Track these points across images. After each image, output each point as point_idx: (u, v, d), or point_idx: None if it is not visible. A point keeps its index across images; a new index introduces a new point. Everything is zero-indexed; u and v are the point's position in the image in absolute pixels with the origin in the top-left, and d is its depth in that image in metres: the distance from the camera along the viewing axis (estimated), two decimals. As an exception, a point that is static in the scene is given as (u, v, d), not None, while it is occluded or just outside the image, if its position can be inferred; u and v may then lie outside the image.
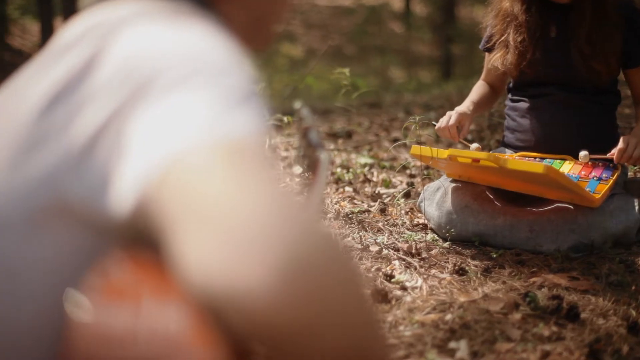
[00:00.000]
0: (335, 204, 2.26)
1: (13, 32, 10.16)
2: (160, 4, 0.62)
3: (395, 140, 3.04)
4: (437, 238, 1.99)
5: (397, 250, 1.85)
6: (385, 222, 2.09)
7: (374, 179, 2.63)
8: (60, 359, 0.51)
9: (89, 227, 0.55)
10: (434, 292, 1.60)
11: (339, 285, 0.46)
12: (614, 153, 1.91)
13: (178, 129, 0.49)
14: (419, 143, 2.20)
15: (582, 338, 1.36)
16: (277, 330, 0.43)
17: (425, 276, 1.69)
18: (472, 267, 1.77)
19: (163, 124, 0.50)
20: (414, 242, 1.91)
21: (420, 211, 2.12)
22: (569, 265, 1.78)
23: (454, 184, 2.03)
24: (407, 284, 1.64)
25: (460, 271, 1.71)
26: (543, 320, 1.43)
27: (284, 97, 4.10)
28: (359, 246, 1.87)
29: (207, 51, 0.55)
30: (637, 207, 1.89)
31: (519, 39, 2.03)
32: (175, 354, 0.48)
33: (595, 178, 1.93)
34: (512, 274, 1.73)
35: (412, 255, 1.82)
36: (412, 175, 2.63)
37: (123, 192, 0.50)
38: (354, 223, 2.06)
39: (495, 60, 2.09)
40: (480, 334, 1.38)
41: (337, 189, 2.47)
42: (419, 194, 2.15)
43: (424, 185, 2.20)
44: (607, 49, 1.96)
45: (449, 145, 3.11)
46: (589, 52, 1.96)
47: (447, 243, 1.94)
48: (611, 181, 1.90)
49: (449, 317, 1.45)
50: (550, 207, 1.91)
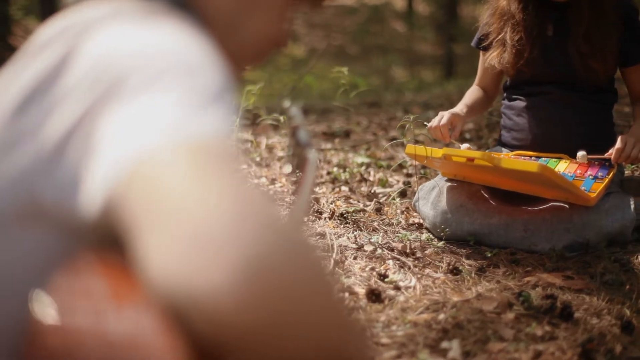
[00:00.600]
0: (331, 203, 2.25)
1: (16, 32, 10.17)
2: (137, 4, 0.62)
3: (393, 139, 3.03)
4: (432, 237, 1.99)
5: (392, 249, 1.84)
6: (381, 222, 2.08)
7: (371, 178, 2.62)
8: None
9: (60, 228, 0.54)
10: (427, 291, 1.60)
11: (305, 284, 0.45)
12: (611, 153, 1.89)
13: (145, 129, 0.49)
14: (416, 142, 2.20)
15: (575, 337, 1.35)
16: (240, 331, 0.42)
17: (419, 276, 1.69)
18: (467, 267, 1.76)
19: (131, 124, 0.50)
20: (408, 242, 1.90)
21: (415, 210, 2.11)
22: (564, 264, 1.77)
23: (449, 183, 2.02)
24: (401, 283, 1.64)
25: (455, 271, 1.71)
26: (536, 319, 1.42)
27: (283, 96, 4.10)
28: (354, 246, 1.87)
29: (178, 50, 0.55)
30: (633, 206, 1.87)
31: (516, 37, 2.02)
32: (138, 357, 0.47)
33: (590, 177, 1.92)
34: (507, 273, 1.72)
35: (407, 255, 1.81)
36: (408, 175, 2.62)
37: (91, 193, 0.50)
38: (349, 222, 2.05)
39: (492, 58, 2.08)
40: (472, 334, 1.37)
41: (333, 189, 2.46)
42: (415, 194, 2.14)
43: (420, 184, 2.19)
44: (604, 47, 1.95)
45: (446, 145, 3.11)
46: (587, 50, 1.95)
47: (442, 242, 1.93)
48: (607, 180, 1.89)
49: (441, 316, 1.44)
50: (546, 206, 1.90)
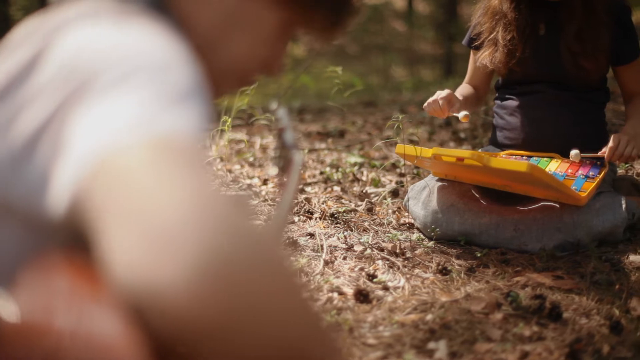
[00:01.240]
0: (322, 203, 2.24)
1: (15, 33, 10.20)
2: (112, 4, 0.62)
3: (387, 139, 3.03)
4: (423, 237, 1.98)
5: (382, 249, 1.84)
6: (372, 222, 2.08)
7: (363, 178, 2.62)
8: None
9: (28, 226, 0.55)
10: (416, 292, 1.59)
11: (262, 281, 0.45)
12: (604, 151, 1.89)
13: (111, 127, 0.49)
14: (411, 142, 2.19)
15: (563, 338, 1.34)
16: (196, 327, 0.42)
17: (408, 276, 1.68)
18: (456, 267, 1.75)
19: (99, 122, 0.50)
20: (398, 242, 1.89)
21: (406, 210, 2.10)
22: (554, 264, 1.76)
23: (439, 183, 2.02)
24: (390, 283, 1.63)
25: (444, 271, 1.70)
26: (524, 320, 1.42)
27: (279, 96, 4.10)
28: (344, 246, 1.86)
29: (149, 50, 0.55)
30: (624, 205, 1.86)
31: (508, 37, 2.01)
32: (101, 357, 0.47)
33: (582, 176, 1.91)
34: (496, 273, 1.71)
35: (396, 255, 1.80)
36: (401, 174, 2.61)
37: (59, 191, 0.50)
38: (339, 223, 2.05)
39: (483, 58, 2.07)
40: (460, 334, 1.36)
41: (325, 189, 2.46)
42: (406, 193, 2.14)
43: (412, 184, 2.18)
44: (596, 46, 1.95)
45: (441, 144, 3.10)
46: (579, 49, 1.95)
47: (432, 242, 1.92)
48: (598, 179, 1.88)
49: (429, 317, 1.44)
50: (536, 205, 1.89)
